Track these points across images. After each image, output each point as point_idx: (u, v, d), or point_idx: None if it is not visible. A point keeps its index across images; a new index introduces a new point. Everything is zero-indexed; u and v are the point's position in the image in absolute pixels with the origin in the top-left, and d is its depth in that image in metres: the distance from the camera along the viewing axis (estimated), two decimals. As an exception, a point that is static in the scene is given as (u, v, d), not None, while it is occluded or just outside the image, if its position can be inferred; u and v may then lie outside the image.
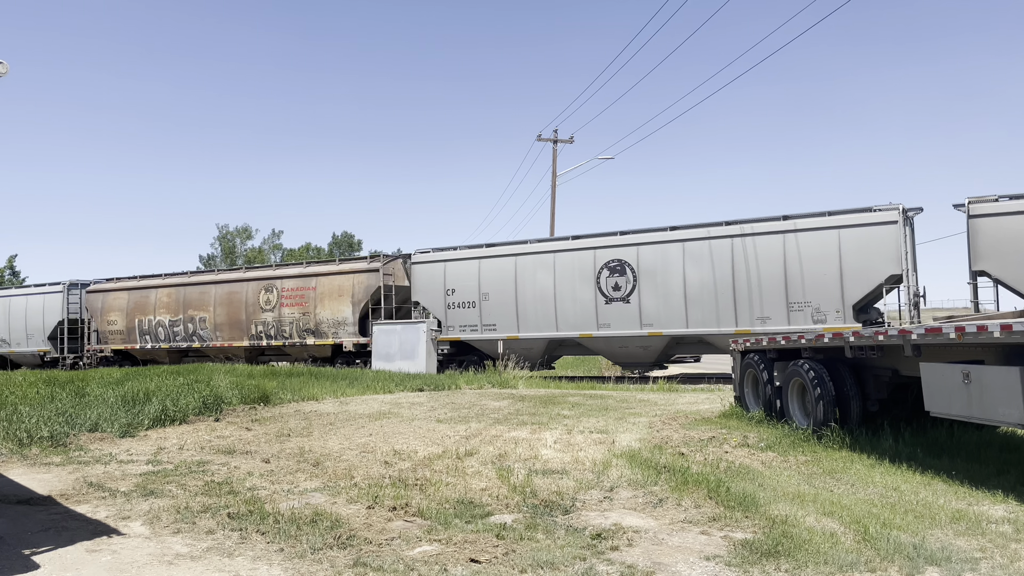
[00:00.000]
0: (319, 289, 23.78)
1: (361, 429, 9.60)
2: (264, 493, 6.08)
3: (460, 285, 21.55)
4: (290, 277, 24.62)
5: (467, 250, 21.96)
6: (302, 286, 24.19)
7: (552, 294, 20.14)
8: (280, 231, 74.90)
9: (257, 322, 24.83)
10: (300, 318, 23.99)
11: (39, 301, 30.93)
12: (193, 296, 26.51)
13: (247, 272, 26.40)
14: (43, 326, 30.48)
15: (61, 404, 10.87)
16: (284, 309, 24.38)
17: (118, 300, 28.40)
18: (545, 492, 5.88)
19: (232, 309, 25.54)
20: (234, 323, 25.42)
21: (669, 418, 10.21)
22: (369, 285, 22.93)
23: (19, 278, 56.70)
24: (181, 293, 26.78)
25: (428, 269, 22.26)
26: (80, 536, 4.91)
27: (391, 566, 4.16)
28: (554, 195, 32.27)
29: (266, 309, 24.71)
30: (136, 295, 27.94)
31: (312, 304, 23.82)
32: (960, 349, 6.37)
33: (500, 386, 16.07)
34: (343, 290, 23.39)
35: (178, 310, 26.78)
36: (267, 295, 24.72)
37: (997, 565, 4.05)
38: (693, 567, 4.13)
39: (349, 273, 23.47)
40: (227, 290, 25.77)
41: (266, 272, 25.84)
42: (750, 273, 17.79)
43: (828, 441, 7.69)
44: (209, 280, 26.68)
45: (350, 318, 23.17)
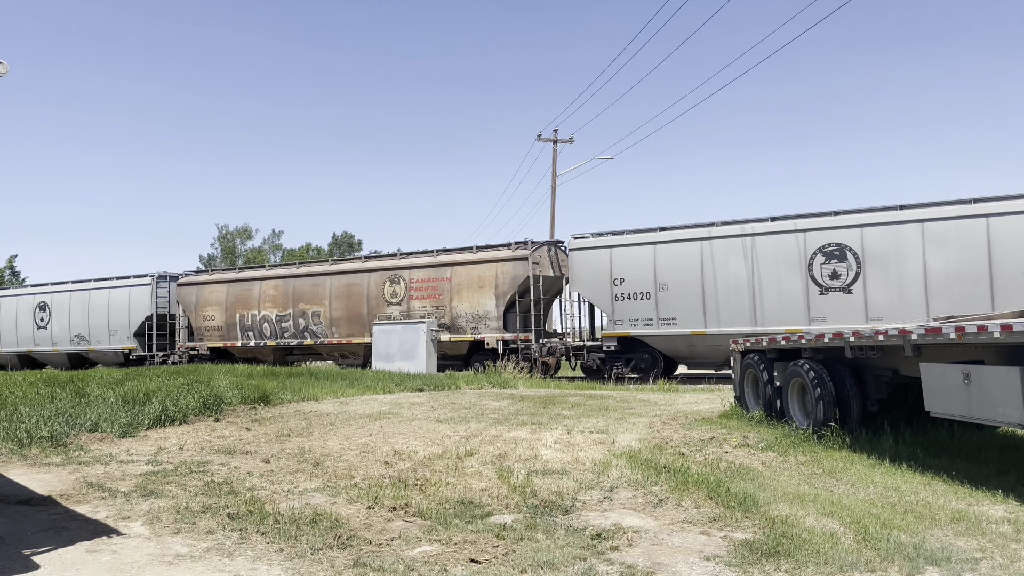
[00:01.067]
0: (455, 280, 21.66)
1: (361, 429, 9.60)
2: (264, 493, 6.08)
3: (631, 274, 19.23)
4: (420, 267, 22.41)
5: (637, 234, 19.56)
6: (434, 277, 22.07)
7: (749, 283, 17.75)
8: (280, 231, 74.93)
9: (381, 316, 22.67)
10: (432, 312, 21.88)
11: (123, 295, 28.52)
12: (304, 289, 24.24)
13: (367, 262, 23.92)
14: (128, 322, 28.18)
15: (61, 404, 10.87)
16: (413, 302, 22.21)
17: (215, 293, 26.26)
18: (545, 492, 5.89)
19: (351, 303, 23.25)
20: (353, 318, 23.17)
21: (669, 418, 10.21)
22: (516, 275, 20.84)
23: (19, 278, 56.68)
24: (290, 285, 24.59)
25: (590, 256, 19.89)
26: (80, 536, 4.91)
27: (391, 566, 4.16)
28: (554, 195, 32.30)
29: (392, 302, 22.53)
30: (237, 288, 25.79)
31: (447, 296, 21.70)
32: (960, 349, 6.37)
33: (500, 386, 16.08)
34: (484, 280, 21.24)
35: (287, 304, 24.51)
36: (393, 287, 22.55)
37: (997, 565, 4.05)
38: (693, 567, 4.13)
39: (492, 262, 21.32)
40: (345, 282, 23.49)
41: (391, 262, 23.32)
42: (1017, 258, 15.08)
43: (828, 441, 7.69)
44: (323, 271, 24.24)
45: (493, 311, 21.08)
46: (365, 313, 23.02)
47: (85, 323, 29.39)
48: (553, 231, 31.64)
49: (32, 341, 31.02)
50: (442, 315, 21.68)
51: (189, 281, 27.38)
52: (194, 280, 27.35)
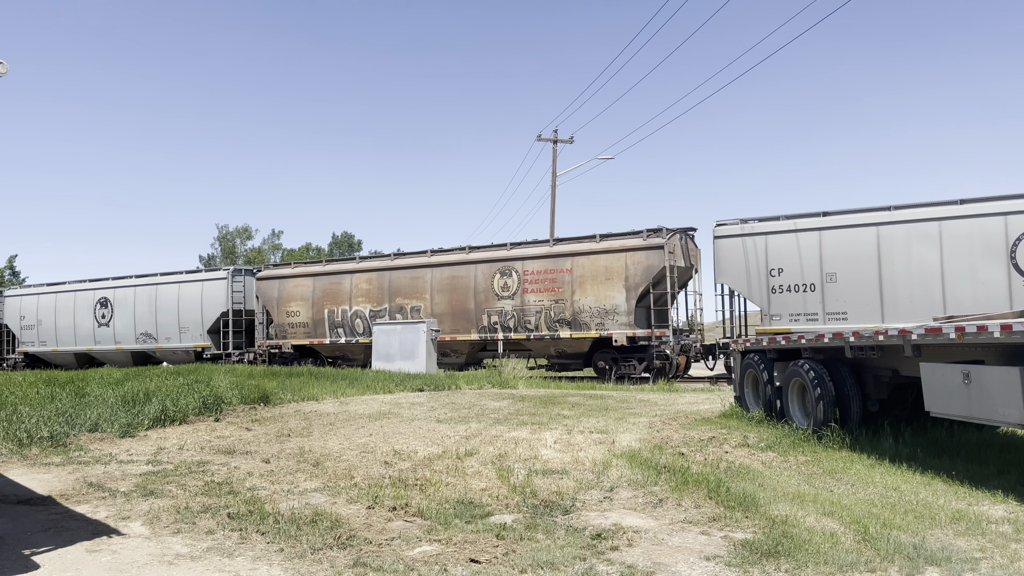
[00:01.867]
0: (577, 271, 20.01)
1: (361, 429, 9.60)
2: (264, 493, 6.08)
3: (791, 263, 17.44)
4: (535, 258, 20.71)
5: (797, 219, 17.69)
6: (552, 268, 20.40)
7: (938, 273, 15.95)
8: (280, 231, 74.99)
9: (491, 311, 21.05)
10: (551, 306, 20.18)
11: (195, 289, 26.67)
12: (402, 282, 22.65)
13: (472, 253, 22.02)
14: (202, 318, 26.35)
15: (61, 404, 10.86)
16: (528, 296, 20.56)
17: (300, 288, 24.55)
18: (545, 492, 5.88)
19: (456, 296, 21.69)
20: (459, 313, 21.62)
21: (669, 418, 10.21)
22: (650, 265, 19.15)
23: (19, 278, 56.65)
24: (386, 279, 22.95)
25: (741, 245, 18.07)
26: (80, 536, 4.91)
27: (391, 566, 4.16)
28: (554, 195, 32.29)
29: (503, 296, 20.93)
30: (325, 282, 24.08)
31: (568, 289, 20.05)
32: (960, 349, 6.37)
33: (500, 386, 16.08)
34: (612, 271, 19.56)
35: (382, 298, 22.91)
36: (504, 279, 20.97)
37: (997, 565, 4.05)
38: (693, 567, 4.13)
39: (621, 251, 19.54)
40: (448, 274, 21.96)
41: (500, 253, 21.51)
42: None
43: (828, 441, 7.69)
44: (423, 263, 22.59)
45: (623, 305, 19.35)
46: (472, 308, 21.41)
47: (152, 320, 27.59)
48: (553, 231, 31.63)
49: (92, 339, 29.15)
50: (562, 309, 20.14)
51: (270, 275, 25.65)
52: (276, 274, 25.62)
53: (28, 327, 31.30)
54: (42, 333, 30.81)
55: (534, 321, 20.53)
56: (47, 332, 30.65)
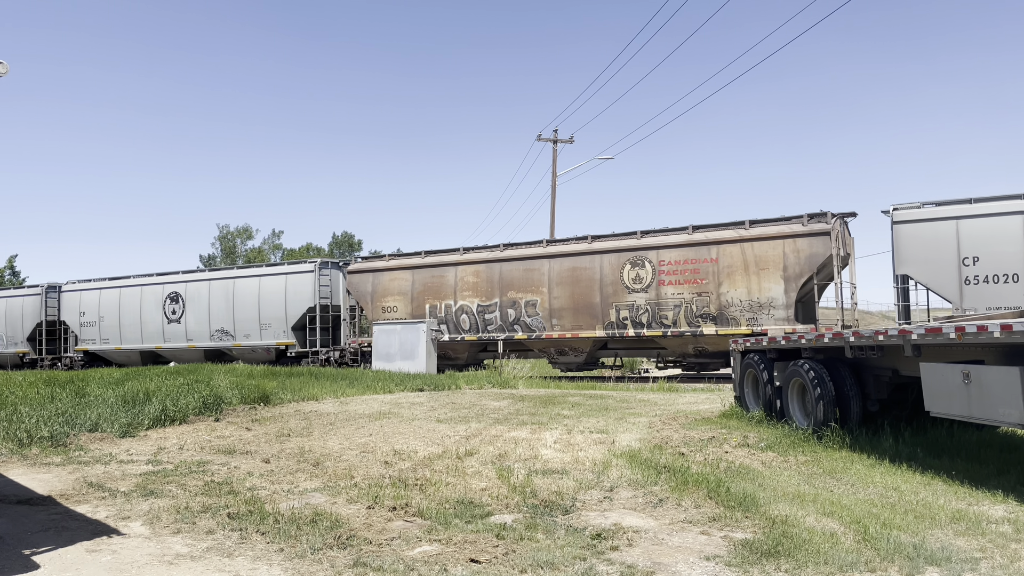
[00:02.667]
0: (724, 261, 18.19)
1: (361, 429, 9.60)
2: (264, 493, 6.08)
3: (989, 251, 15.51)
4: (672, 247, 18.93)
5: (993, 202, 15.66)
6: (693, 258, 18.59)
7: None
8: (280, 231, 74.96)
9: (620, 305, 19.30)
10: (692, 300, 18.43)
11: (278, 284, 24.89)
12: (515, 274, 20.92)
13: (595, 243, 20.14)
14: (286, 314, 24.49)
15: (61, 404, 10.87)
16: (665, 288, 18.78)
17: (397, 281, 22.82)
18: (545, 492, 5.89)
19: (579, 290, 19.95)
20: (581, 307, 19.89)
21: (669, 418, 10.21)
22: (813, 253, 17.29)
23: (19, 278, 56.65)
24: (495, 271, 21.27)
25: (927, 230, 16.12)
26: (80, 536, 4.91)
27: (391, 566, 4.16)
28: (554, 195, 32.29)
29: (635, 288, 19.15)
30: (425, 275, 22.42)
31: (712, 281, 18.26)
32: (960, 349, 6.37)
33: (500, 386, 16.08)
34: (766, 261, 17.74)
35: (491, 292, 21.22)
36: (635, 271, 19.19)
37: (997, 565, 4.05)
38: (693, 567, 4.13)
39: (777, 238, 17.70)
40: (569, 266, 20.20)
41: (629, 242, 19.60)
42: None
43: (828, 441, 7.69)
44: (538, 254, 20.88)
45: (780, 298, 17.50)
46: (598, 302, 19.63)
47: (229, 316, 25.71)
48: (553, 231, 31.63)
49: (161, 336, 27.37)
50: (705, 303, 18.33)
51: (363, 268, 23.74)
52: (369, 267, 23.64)
53: (88, 324, 29.33)
54: (104, 330, 28.88)
55: (671, 316, 18.64)
56: (110, 329, 28.73)
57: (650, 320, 18.93)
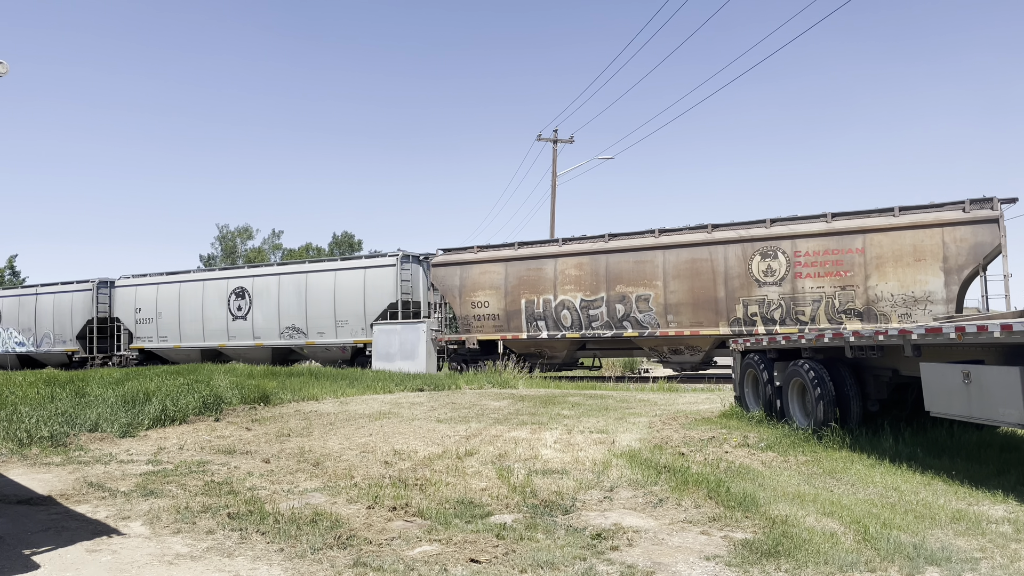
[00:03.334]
0: (872, 251, 16.70)
1: (361, 429, 9.60)
2: (264, 493, 6.08)
3: None
4: (809, 236, 17.45)
5: None
6: (835, 248, 17.12)
7: None
8: (280, 231, 74.80)
9: (748, 300, 17.88)
10: (834, 294, 17.00)
11: (355, 278, 23.33)
12: (623, 267, 19.42)
13: (716, 232, 18.57)
14: (364, 310, 23.00)
15: (61, 404, 10.87)
16: (802, 281, 17.36)
17: (488, 275, 21.22)
18: (545, 492, 5.89)
19: (699, 283, 18.48)
20: (701, 302, 18.43)
21: (669, 418, 10.21)
22: (978, 243, 15.79)
23: (19, 278, 56.67)
24: (601, 263, 19.72)
25: None
26: (80, 536, 4.91)
27: (391, 566, 4.16)
28: (554, 195, 32.30)
29: (766, 281, 17.73)
30: (520, 267, 20.83)
31: (859, 273, 16.81)
32: (960, 349, 6.38)
33: (500, 386, 16.08)
34: (923, 251, 16.25)
35: (597, 286, 19.67)
36: (766, 262, 17.76)
37: (997, 565, 4.05)
38: (693, 567, 4.13)
39: (935, 227, 16.15)
40: (687, 257, 18.70)
41: (757, 231, 18.10)
42: None
43: (828, 441, 7.69)
44: (650, 244, 19.24)
45: (939, 292, 16.03)
46: (722, 296, 18.18)
47: (301, 312, 24.18)
48: (553, 231, 31.64)
49: (225, 334, 25.92)
50: (849, 298, 16.94)
51: (450, 260, 22.06)
52: (457, 259, 21.98)
53: (145, 320, 27.89)
54: (162, 327, 27.44)
55: (809, 312, 17.21)
56: (168, 326, 27.30)
57: (783, 316, 17.50)
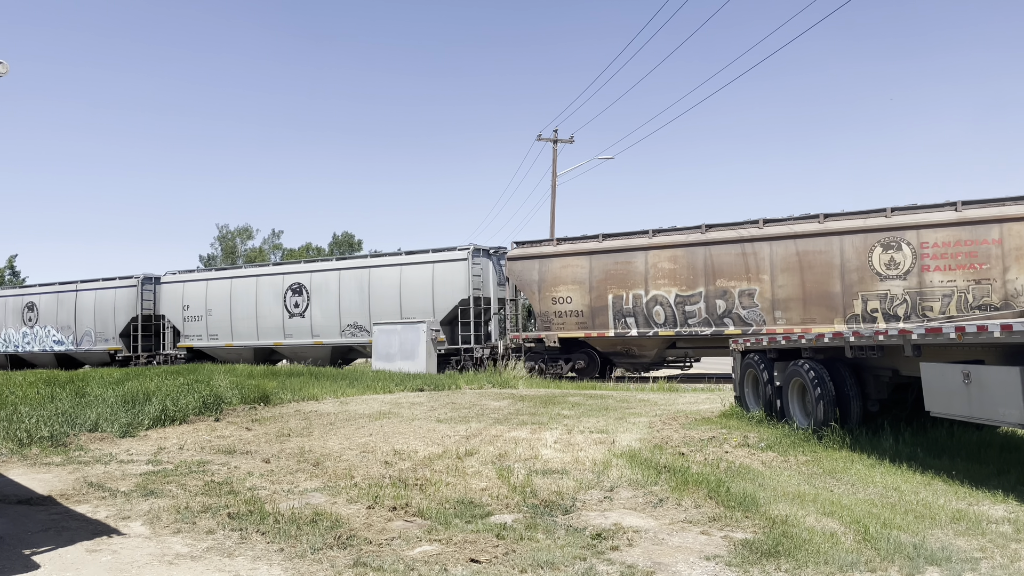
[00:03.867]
0: (1010, 241, 15.46)
1: (361, 429, 9.60)
2: (264, 493, 6.08)
3: None
4: (936, 226, 16.26)
5: None
6: (968, 238, 15.90)
7: None
8: (280, 231, 74.73)
9: (867, 295, 16.74)
10: (967, 288, 15.89)
11: (423, 273, 22.12)
12: (725, 259, 18.22)
13: (830, 222, 17.37)
14: (434, 307, 21.76)
15: (61, 404, 10.87)
16: (929, 274, 16.24)
17: (571, 268, 20.05)
18: (545, 492, 5.89)
19: (812, 277, 17.32)
20: (814, 298, 17.26)
21: (669, 418, 10.21)
22: None
23: (19, 278, 56.64)
24: (698, 256, 18.58)
25: None
26: (80, 536, 4.91)
27: (391, 566, 4.16)
28: (554, 195, 32.30)
29: (889, 275, 16.60)
30: (606, 261, 19.61)
31: (996, 265, 15.62)
32: (960, 349, 6.37)
33: (500, 386, 16.08)
34: None
35: (694, 280, 18.56)
36: (889, 254, 16.62)
37: (997, 565, 4.05)
38: (693, 567, 4.13)
39: None
40: (797, 249, 17.53)
41: (877, 220, 16.89)
42: None
43: (828, 441, 7.69)
44: (754, 236, 18.02)
45: None
46: (837, 291, 17.06)
47: (363, 309, 22.92)
48: (553, 231, 31.64)
49: (281, 332, 24.75)
50: (985, 292, 15.80)
51: (528, 254, 20.86)
52: (535, 252, 20.77)
53: (194, 318, 26.85)
54: (212, 325, 26.37)
55: (938, 307, 16.11)
56: (219, 324, 26.20)
57: (908, 312, 16.34)
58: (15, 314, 31.36)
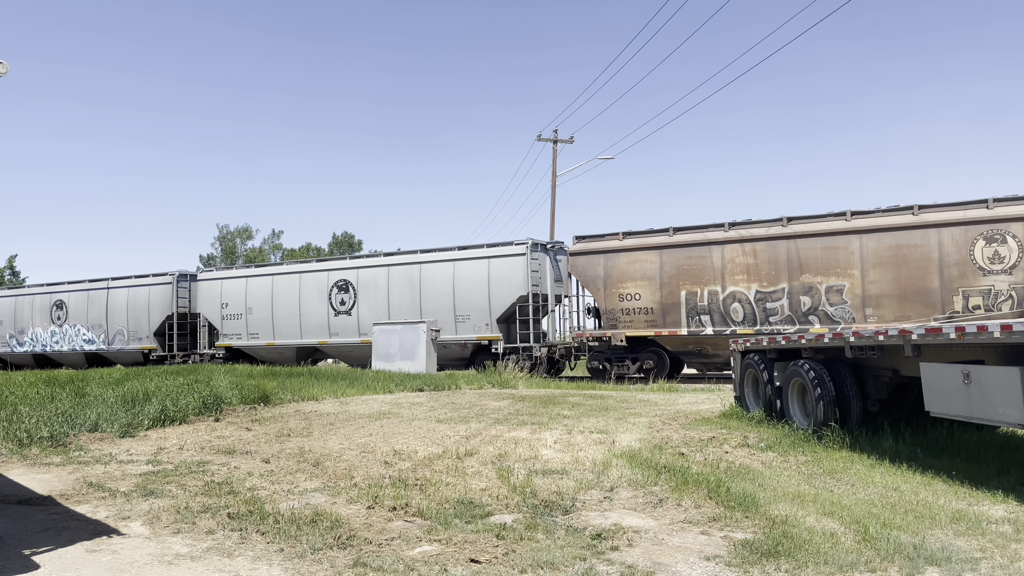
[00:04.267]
0: None
1: (361, 429, 9.60)
2: (264, 493, 6.08)
3: None
4: None
5: None
6: None
7: None
8: (280, 231, 74.77)
9: (969, 291, 15.87)
10: None
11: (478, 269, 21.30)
12: (810, 254, 17.39)
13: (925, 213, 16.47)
14: (489, 305, 20.95)
15: (61, 404, 10.87)
16: None
17: (639, 264, 19.23)
18: (545, 492, 5.89)
19: (906, 272, 16.41)
20: (909, 294, 16.38)
21: (669, 418, 10.21)
22: None
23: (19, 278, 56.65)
24: (780, 250, 17.68)
25: None
26: (80, 536, 4.91)
27: (391, 566, 4.16)
28: (554, 195, 32.31)
29: (993, 269, 15.66)
30: (678, 255, 18.80)
31: None
32: (960, 349, 6.37)
33: (500, 386, 16.07)
34: None
35: (776, 276, 17.68)
36: (992, 247, 15.64)
37: (997, 565, 4.05)
38: (693, 567, 4.13)
39: None
40: (891, 242, 16.61)
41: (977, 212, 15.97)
42: None
43: (828, 441, 7.69)
44: (843, 228, 17.17)
45: None
46: (935, 287, 16.21)
47: (414, 306, 22.33)
48: (553, 231, 31.66)
49: (326, 331, 24.13)
50: None
51: (592, 248, 19.94)
52: (600, 247, 19.86)
53: (233, 316, 26.01)
54: (253, 323, 25.55)
55: None
56: (260, 322, 25.41)
57: (1014, 308, 15.49)
58: (43, 312, 30.36)
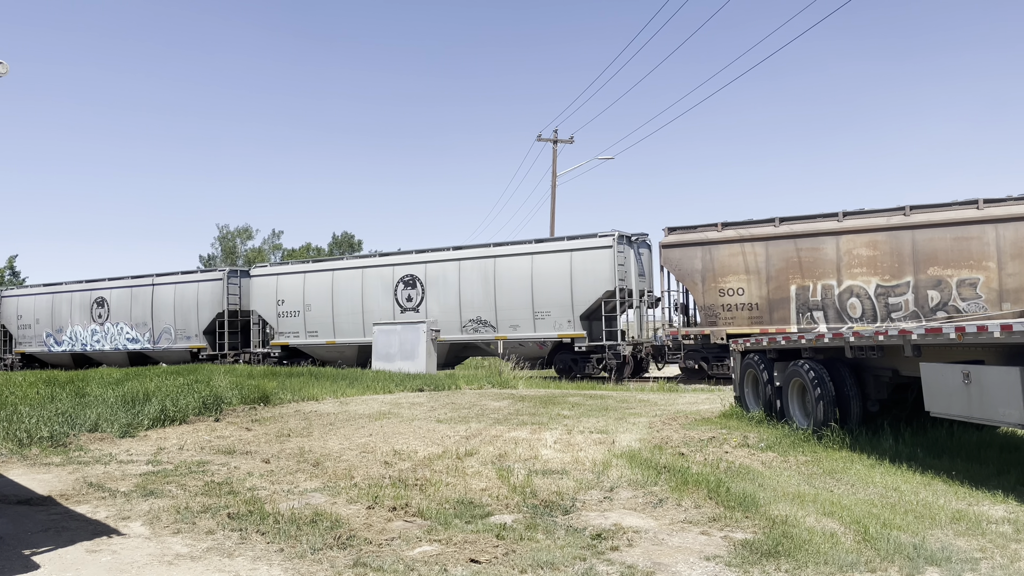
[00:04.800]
0: None
1: (361, 429, 9.60)
2: (264, 493, 6.08)
3: None
4: None
5: None
6: None
7: None
8: (280, 231, 74.76)
9: None
10: None
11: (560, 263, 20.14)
12: (939, 245, 16.08)
13: None
14: (571, 301, 19.78)
15: (61, 404, 10.87)
16: None
17: (742, 256, 18.01)
18: (545, 492, 5.88)
19: None
20: None
21: (669, 418, 10.21)
22: None
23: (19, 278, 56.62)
24: (905, 241, 16.43)
25: None
26: (80, 536, 4.91)
27: (391, 566, 4.16)
28: (554, 195, 32.30)
29: None
30: (786, 247, 17.51)
31: None
32: (960, 349, 6.37)
33: (500, 386, 16.07)
34: None
35: (900, 269, 16.39)
36: None
37: (997, 565, 4.05)
38: (693, 567, 4.13)
39: None
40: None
41: None
42: None
43: (828, 441, 7.69)
44: (976, 218, 15.78)
45: None
46: None
47: (488, 302, 21.09)
48: (553, 231, 31.64)
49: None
50: None
51: (688, 240, 18.72)
52: (697, 239, 18.64)
53: (289, 313, 24.94)
54: (311, 321, 24.45)
55: None
56: (319, 320, 24.31)
57: None
58: (82, 310, 29.15)
